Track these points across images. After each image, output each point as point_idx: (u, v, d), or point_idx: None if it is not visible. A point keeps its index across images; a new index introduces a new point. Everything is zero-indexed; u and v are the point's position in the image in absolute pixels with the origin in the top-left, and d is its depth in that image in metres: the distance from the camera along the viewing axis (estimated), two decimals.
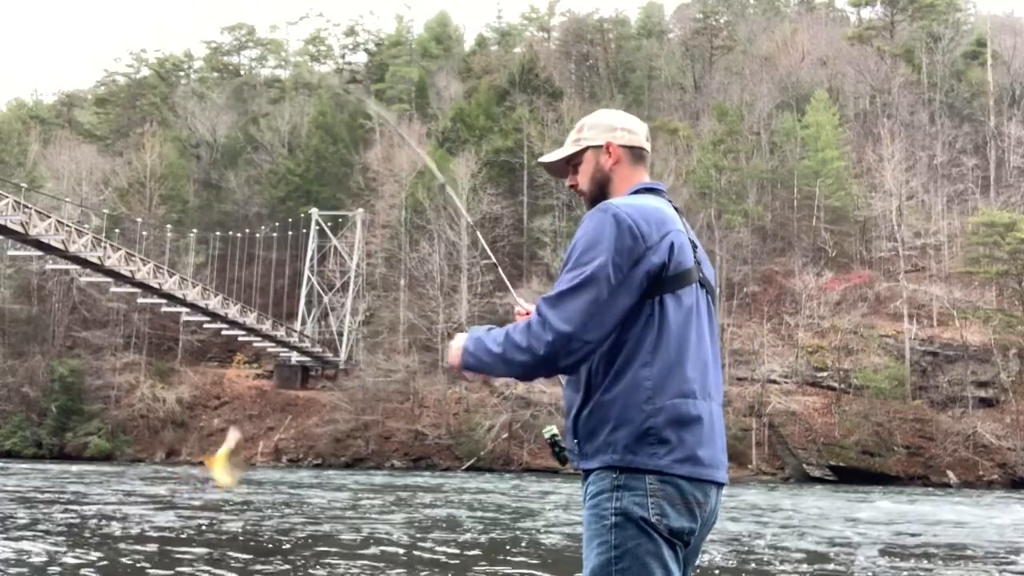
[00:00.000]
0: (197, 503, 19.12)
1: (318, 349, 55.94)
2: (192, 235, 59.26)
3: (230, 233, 59.79)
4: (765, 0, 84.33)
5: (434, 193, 52.66)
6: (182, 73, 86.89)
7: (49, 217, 41.27)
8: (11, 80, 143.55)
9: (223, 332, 53.97)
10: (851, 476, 40.02)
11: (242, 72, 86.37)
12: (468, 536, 13.50)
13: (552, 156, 2.77)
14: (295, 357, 55.38)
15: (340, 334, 56.86)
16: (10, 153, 66.19)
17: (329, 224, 59.93)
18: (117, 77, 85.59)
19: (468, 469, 44.61)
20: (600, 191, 2.69)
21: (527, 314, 2.76)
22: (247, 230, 60.24)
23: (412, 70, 76.43)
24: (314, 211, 59.64)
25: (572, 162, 2.75)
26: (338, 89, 73.45)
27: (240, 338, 54.28)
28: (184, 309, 50.33)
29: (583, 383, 2.50)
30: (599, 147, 2.71)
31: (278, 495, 22.72)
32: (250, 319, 52.50)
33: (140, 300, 49.66)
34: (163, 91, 79.58)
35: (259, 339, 54.08)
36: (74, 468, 37.11)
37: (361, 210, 58.80)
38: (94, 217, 57.21)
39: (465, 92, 70.91)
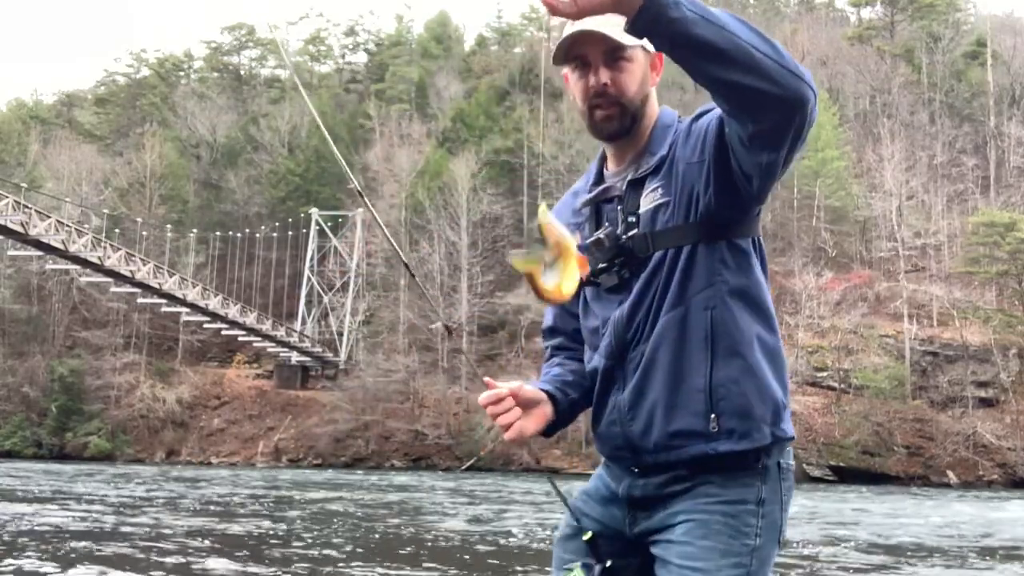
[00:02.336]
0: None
1: (318, 349, 55.94)
2: (192, 235, 59.27)
3: (230, 233, 59.82)
4: (765, 0, 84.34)
5: (434, 193, 52.68)
6: (182, 73, 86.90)
7: (49, 217, 41.31)
8: (11, 80, 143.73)
9: (223, 332, 53.99)
10: (851, 476, 40.01)
11: (242, 72, 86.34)
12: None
13: (615, 34, 1.93)
14: (295, 357, 55.39)
15: (340, 334, 56.86)
16: (10, 153, 66.20)
17: (329, 224, 59.94)
18: (117, 77, 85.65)
19: (468, 469, 44.63)
20: (640, 109, 2.05)
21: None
22: (247, 230, 60.27)
23: (412, 70, 76.42)
24: (314, 211, 59.65)
25: (617, 54, 1.99)
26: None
27: (240, 338, 54.29)
28: (184, 309, 50.35)
29: (711, 337, 1.94)
30: (650, 54, 2.05)
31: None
32: (250, 319, 52.51)
33: (140, 300, 49.69)
34: (163, 91, 79.59)
35: (259, 339, 54.09)
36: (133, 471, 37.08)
37: (361, 210, 58.77)
38: (94, 217, 57.21)
39: (465, 92, 70.93)
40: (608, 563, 2.06)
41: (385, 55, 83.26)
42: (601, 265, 2.04)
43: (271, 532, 13.59)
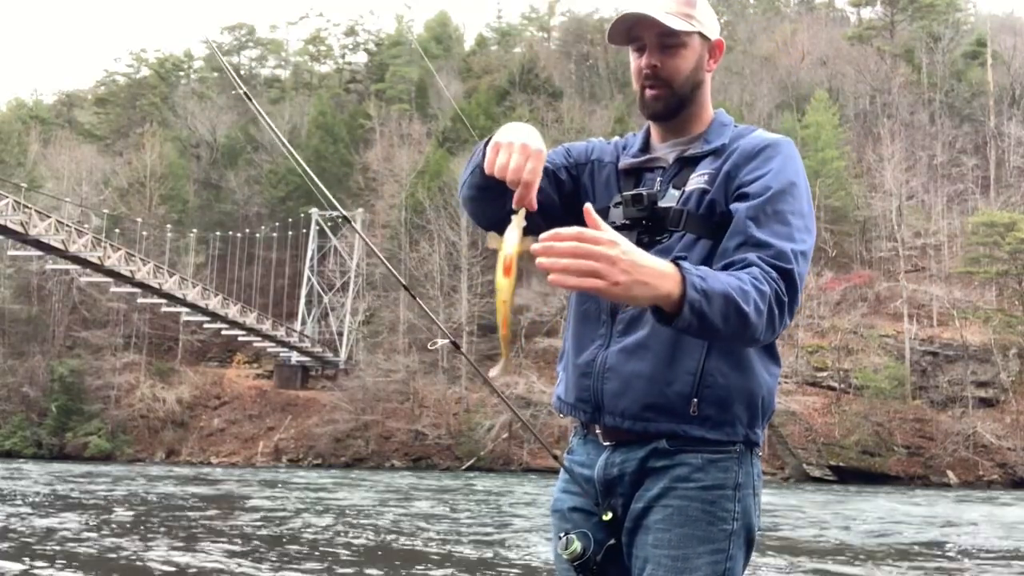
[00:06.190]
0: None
1: (318, 349, 55.94)
2: (192, 235, 59.30)
3: (230, 233, 59.82)
4: (765, 0, 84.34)
5: (434, 193, 52.68)
6: (182, 73, 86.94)
7: (49, 217, 41.29)
8: (11, 80, 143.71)
9: (223, 332, 53.98)
10: (851, 476, 40.01)
11: (242, 72, 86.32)
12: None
13: (667, 20, 1.97)
14: (295, 357, 55.38)
15: (340, 334, 56.86)
16: (10, 153, 66.19)
17: (329, 224, 59.92)
18: (117, 77, 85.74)
19: (468, 469, 44.63)
20: (690, 94, 2.07)
21: None
22: (247, 230, 60.28)
23: (412, 70, 76.46)
24: (314, 211, 59.62)
25: (670, 39, 2.01)
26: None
27: (240, 338, 54.29)
28: (184, 309, 50.34)
29: None
30: (708, 41, 2.07)
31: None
32: (250, 319, 52.50)
33: (140, 300, 49.68)
34: (163, 91, 79.64)
35: (259, 339, 54.09)
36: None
37: (361, 210, 58.75)
38: (94, 217, 57.22)
39: (465, 92, 70.95)
40: (612, 541, 2.06)
41: (385, 55, 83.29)
42: (624, 221, 2.04)
43: (265, 532, 13.59)
